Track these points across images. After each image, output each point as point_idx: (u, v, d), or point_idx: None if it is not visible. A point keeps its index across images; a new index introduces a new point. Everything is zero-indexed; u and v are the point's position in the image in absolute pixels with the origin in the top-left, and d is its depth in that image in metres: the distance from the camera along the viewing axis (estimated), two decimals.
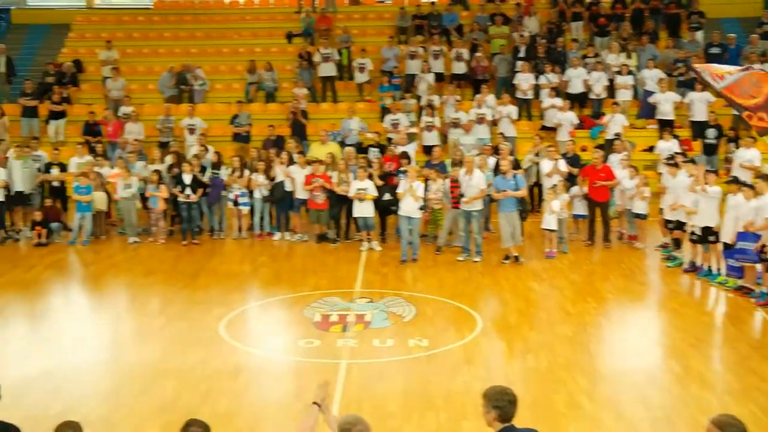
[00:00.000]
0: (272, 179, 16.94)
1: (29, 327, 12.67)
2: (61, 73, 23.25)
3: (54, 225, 17.20)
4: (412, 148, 18.15)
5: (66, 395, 9.72)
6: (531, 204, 17.79)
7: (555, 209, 15.53)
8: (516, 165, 16.66)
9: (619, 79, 21.65)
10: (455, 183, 15.51)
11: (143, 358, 11.04)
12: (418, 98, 21.74)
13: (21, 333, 12.38)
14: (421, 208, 15.62)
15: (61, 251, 16.61)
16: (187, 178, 16.75)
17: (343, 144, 19.39)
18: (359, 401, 9.26)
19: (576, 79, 21.78)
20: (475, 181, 15.22)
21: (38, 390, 9.90)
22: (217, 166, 17.45)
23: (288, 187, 16.88)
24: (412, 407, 9.22)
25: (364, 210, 16.01)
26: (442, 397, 9.46)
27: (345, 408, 9.17)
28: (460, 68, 22.88)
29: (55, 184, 17.77)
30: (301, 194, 16.79)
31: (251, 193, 17.03)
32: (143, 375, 10.39)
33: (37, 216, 17.04)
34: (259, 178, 16.90)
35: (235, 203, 17.07)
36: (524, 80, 21.76)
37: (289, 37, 25.27)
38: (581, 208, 16.53)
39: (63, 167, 17.78)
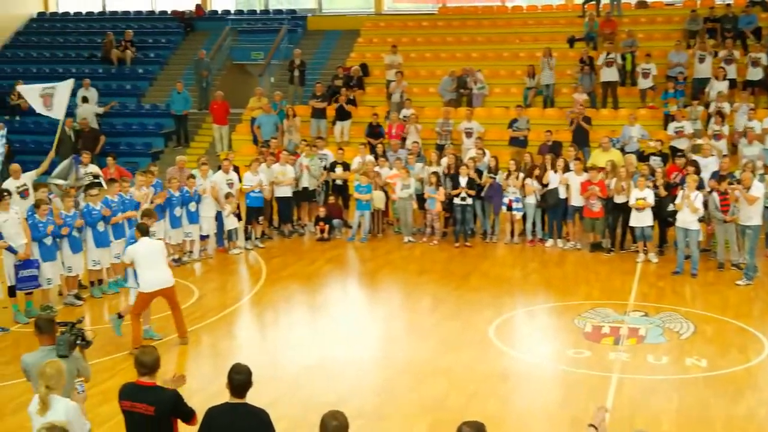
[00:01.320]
0: (546, 185, 16.78)
1: (309, 317, 13.43)
2: (349, 77, 24.40)
3: (335, 221, 18.10)
4: (714, 161, 17.01)
5: (340, 386, 10.19)
6: None
7: None
8: None
9: None
10: (724, 195, 14.59)
11: (414, 355, 11.34)
12: (706, 105, 20.63)
13: (302, 323, 13.16)
14: (701, 220, 14.82)
15: (341, 247, 17.43)
16: (462, 181, 16.98)
17: (622, 151, 18.80)
18: (630, 418, 8.94)
19: None
20: (752, 194, 14.23)
21: (315, 379, 10.46)
22: (494, 170, 17.50)
23: (562, 194, 16.64)
24: (687, 428, 8.80)
25: (642, 219, 15.45)
26: (721, 421, 8.95)
27: (617, 423, 8.90)
28: (755, 74, 21.43)
29: (338, 182, 18.65)
30: (576, 201, 16.50)
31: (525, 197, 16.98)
32: (414, 372, 10.68)
33: (321, 212, 18.01)
34: (534, 184, 16.79)
35: (509, 208, 17.08)
36: None
37: (571, 41, 24.90)
38: None
39: (346, 166, 18.64)
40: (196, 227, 16.17)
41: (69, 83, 16.80)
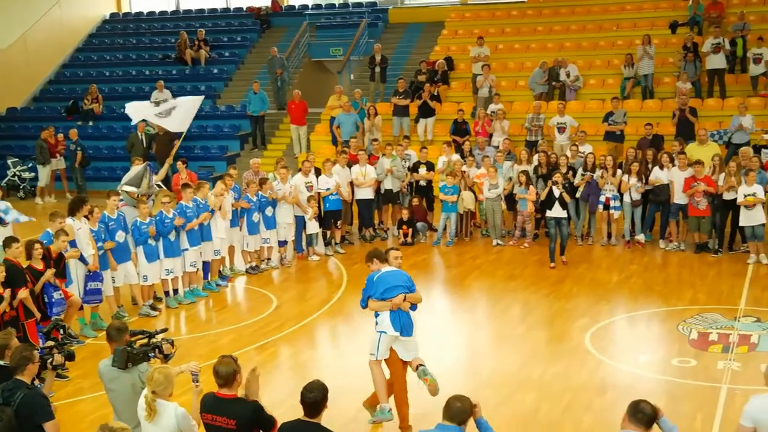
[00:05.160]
0: (646, 182, 16.51)
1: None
2: (433, 71, 24.42)
3: (419, 225, 18.11)
4: None
5: (425, 397, 10.14)
6: None
7: None
8: None
9: None
10: None
11: (503, 365, 11.30)
12: None
13: None
14: None
15: (426, 251, 17.43)
16: (556, 192, 16.52)
17: (728, 144, 18.40)
18: None
19: None
20: None
21: None
22: (591, 167, 17.18)
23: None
24: None
25: (752, 218, 15.10)
26: None
27: None
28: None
29: (422, 183, 18.66)
30: (679, 199, 16.21)
31: (622, 196, 16.73)
32: (502, 383, 10.63)
33: (404, 215, 18.05)
34: (632, 181, 16.55)
35: (606, 207, 16.85)
36: None
37: (674, 26, 24.44)
38: None
39: (430, 166, 18.64)
40: (274, 233, 16.41)
41: (197, 99, 17.43)
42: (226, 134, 26.30)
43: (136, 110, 17.33)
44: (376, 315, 9.40)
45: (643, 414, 6.00)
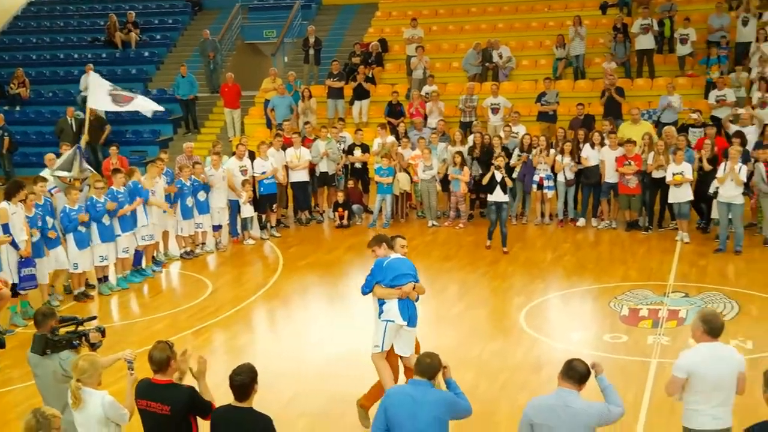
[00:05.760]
0: (578, 161, 16.75)
1: (329, 309, 13.52)
2: (367, 53, 24.39)
3: (355, 207, 18.15)
4: (753, 131, 16.97)
5: (365, 379, 10.22)
6: None
7: None
8: None
9: None
10: None
11: (440, 345, 11.28)
12: (750, 71, 20.45)
13: (322, 315, 13.23)
14: (745, 194, 14.77)
15: (362, 233, 17.42)
16: (498, 176, 16.65)
17: (657, 124, 18.73)
18: (671, 402, 8.93)
19: None
20: None
21: (338, 372, 10.53)
22: (527, 148, 17.29)
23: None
24: (734, 415, 8.74)
25: (679, 196, 15.41)
26: None
27: (655, 410, 8.95)
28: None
29: (357, 165, 18.67)
30: (610, 178, 16.47)
31: (556, 176, 16.94)
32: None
33: (340, 197, 18.05)
34: (566, 160, 16.77)
35: (540, 186, 17.06)
36: None
37: (604, 7, 24.77)
38: None
39: (365, 148, 18.65)
40: (208, 217, 16.27)
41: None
42: (158, 118, 25.74)
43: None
44: (381, 303, 9.03)
45: (575, 372, 6.27)
